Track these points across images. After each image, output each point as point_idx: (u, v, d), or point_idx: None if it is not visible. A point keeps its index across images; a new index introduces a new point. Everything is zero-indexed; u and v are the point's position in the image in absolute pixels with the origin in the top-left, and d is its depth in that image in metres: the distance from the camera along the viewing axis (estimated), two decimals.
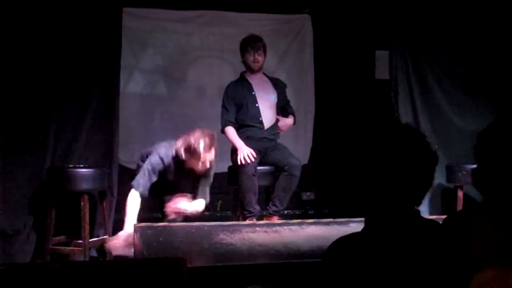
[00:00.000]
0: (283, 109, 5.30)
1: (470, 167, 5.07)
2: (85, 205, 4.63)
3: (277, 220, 4.83)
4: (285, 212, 5.76)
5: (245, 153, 4.83)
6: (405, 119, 5.67)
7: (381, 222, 1.71)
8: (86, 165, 4.85)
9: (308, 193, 6.60)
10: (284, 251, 3.22)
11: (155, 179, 4.42)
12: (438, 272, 1.65)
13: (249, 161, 4.81)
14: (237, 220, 4.97)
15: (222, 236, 3.61)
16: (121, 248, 4.11)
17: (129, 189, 4.35)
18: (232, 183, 5.12)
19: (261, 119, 5.09)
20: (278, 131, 5.21)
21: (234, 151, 4.97)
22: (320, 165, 6.45)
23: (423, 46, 5.88)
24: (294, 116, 5.34)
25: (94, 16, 4.93)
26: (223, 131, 5.06)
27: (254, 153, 4.85)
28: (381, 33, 6.19)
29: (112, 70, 5.06)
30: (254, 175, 4.85)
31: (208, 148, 4.35)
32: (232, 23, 6.42)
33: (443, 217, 1.91)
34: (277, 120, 5.19)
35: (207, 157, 4.39)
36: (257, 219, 4.85)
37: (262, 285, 2.80)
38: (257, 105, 5.09)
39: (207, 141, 4.35)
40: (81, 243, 4.67)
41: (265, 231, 3.82)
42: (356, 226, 3.62)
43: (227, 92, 5.14)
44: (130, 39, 5.93)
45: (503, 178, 1.76)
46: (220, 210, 6.38)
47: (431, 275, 1.64)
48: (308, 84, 6.69)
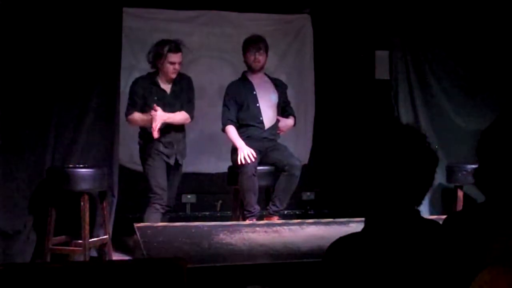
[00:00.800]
0: (284, 110, 5.30)
1: (470, 167, 5.06)
2: (85, 205, 4.63)
3: (277, 220, 4.83)
4: (285, 212, 5.76)
5: (245, 153, 4.82)
6: (405, 119, 5.66)
7: (381, 222, 1.71)
8: (86, 165, 4.84)
9: (308, 193, 6.60)
10: (284, 251, 3.22)
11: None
12: (438, 272, 1.65)
13: (249, 161, 4.81)
14: (237, 220, 4.97)
15: (222, 236, 3.62)
16: None
17: None
18: (232, 183, 5.12)
19: (261, 119, 5.10)
20: (278, 131, 5.22)
21: (234, 151, 4.97)
22: (320, 165, 6.44)
23: (423, 46, 5.86)
24: (294, 117, 5.34)
25: (94, 16, 4.92)
26: (224, 130, 5.06)
27: (254, 153, 4.85)
28: (381, 33, 6.19)
29: (112, 70, 5.06)
30: (254, 175, 4.85)
31: (174, 49, 4.81)
32: (232, 23, 6.42)
33: (443, 217, 1.91)
34: (278, 120, 5.20)
35: (174, 58, 4.81)
36: (257, 219, 4.85)
37: (262, 285, 2.80)
38: (258, 105, 5.09)
39: (172, 44, 4.83)
40: (81, 243, 4.66)
41: (265, 231, 3.83)
42: (356, 226, 3.63)
43: (228, 91, 5.14)
44: (130, 39, 5.92)
45: (505, 177, 1.76)
46: (220, 210, 6.38)
47: (432, 275, 1.64)
48: (308, 84, 6.68)
